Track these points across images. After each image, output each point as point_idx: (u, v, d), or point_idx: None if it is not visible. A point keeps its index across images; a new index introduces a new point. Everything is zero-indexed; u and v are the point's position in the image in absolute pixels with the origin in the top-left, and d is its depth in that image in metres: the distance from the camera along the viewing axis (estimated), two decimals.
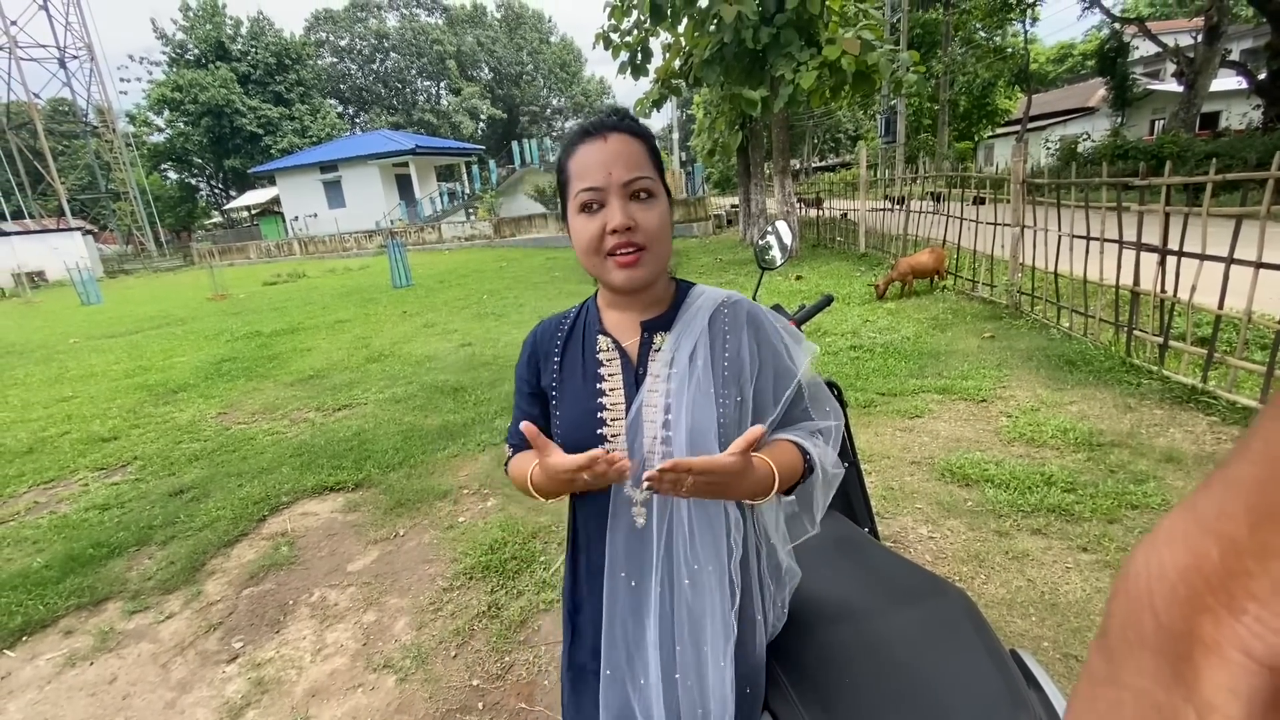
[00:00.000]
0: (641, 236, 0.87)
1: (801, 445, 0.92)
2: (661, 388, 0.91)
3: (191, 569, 2.83)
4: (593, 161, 0.87)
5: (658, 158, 0.92)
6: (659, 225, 0.88)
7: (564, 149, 0.92)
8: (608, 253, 0.88)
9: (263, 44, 39.00)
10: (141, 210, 33.56)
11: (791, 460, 0.91)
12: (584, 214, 0.88)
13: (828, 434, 0.97)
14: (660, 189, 0.90)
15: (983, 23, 22.33)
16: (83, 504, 3.64)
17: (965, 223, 6.46)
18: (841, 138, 42.14)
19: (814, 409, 0.97)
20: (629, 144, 0.88)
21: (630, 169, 0.86)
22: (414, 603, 2.46)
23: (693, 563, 0.93)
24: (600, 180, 0.86)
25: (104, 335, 10.24)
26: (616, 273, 0.89)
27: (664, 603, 0.92)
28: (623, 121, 0.90)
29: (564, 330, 1.03)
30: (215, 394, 5.76)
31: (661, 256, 0.91)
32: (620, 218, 0.85)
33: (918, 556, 2.41)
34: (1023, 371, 4.19)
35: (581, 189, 0.87)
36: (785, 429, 0.95)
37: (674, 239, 0.98)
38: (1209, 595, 0.22)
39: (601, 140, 0.87)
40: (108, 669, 2.26)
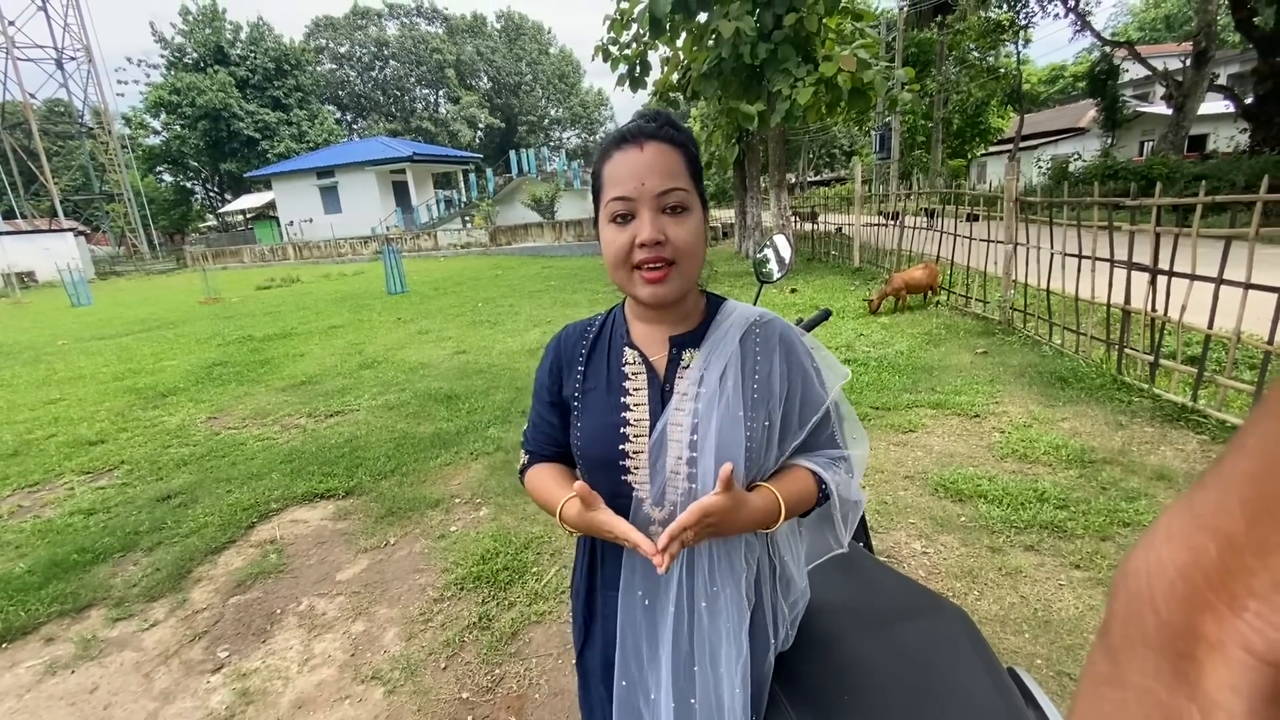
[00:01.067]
0: (671, 251, 0.85)
1: (818, 474, 0.92)
2: (688, 406, 0.89)
3: (177, 576, 2.79)
4: (626, 171, 0.84)
5: (697, 167, 0.89)
6: (691, 240, 0.86)
7: (600, 154, 0.89)
8: (635, 265, 0.86)
9: (262, 49, 39.09)
10: (135, 212, 33.40)
11: (803, 489, 0.90)
12: (614, 224, 0.86)
13: (851, 462, 0.96)
14: (695, 201, 0.87)
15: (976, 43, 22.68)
16: (67, 508, 3.59)
17: (959, 239, 6.51)
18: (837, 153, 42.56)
19: (842, 435, 0.97)
20: (666, 154, 0.85)
21: (664, 180, 0.84)
22: (404, 613, 2.43)
23: (710, 585, 0.92)
24: (632, 190, 0.84)
25: (93, 337, 10.15)
26: (643, 288, 0.87)
27: (680, 624, 0.92)
28: (661, 129, 0.87)
29: (589, 338, 1.00)
30: (205, 398, 5.71)
31: (691, 272, 0.89)
32: (650, 231, 0.83)
33: (911, 572, 2.41)
34: (1015, 387, 4.21)
35: (612, 198, 0.85)
36: (807, 455, 0.94)
37: None
38: (1209, 592, 0.22)
39: (637, 148, 0.84)
40: (89, 678, 2.22)
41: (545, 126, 55.36)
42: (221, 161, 38.87)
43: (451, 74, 48.05)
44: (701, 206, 0.90)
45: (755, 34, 8.59)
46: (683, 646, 0.92)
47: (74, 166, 35.80)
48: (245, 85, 38.27)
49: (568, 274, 13.60)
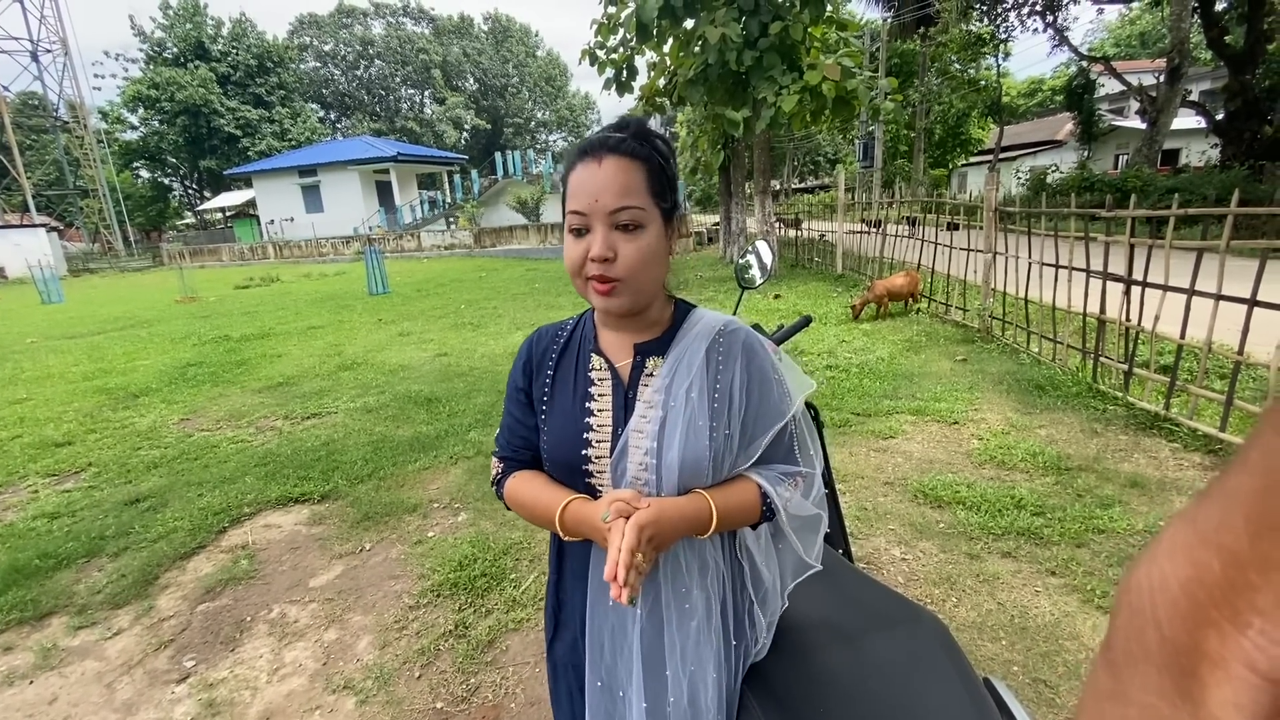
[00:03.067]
0: (619, 269, 0.85)
1: (763, 488, 0.91)
2: (652, 415, 0.89)
3: (144, 582, 2.71)
4: (583, 185, 0.84)
5: (663, 178, 0.88)
6: (641, 257, 0.85)
7: (567, 163, 0.90)
8: (587, 278, 0.87)
9: (244, 45, 38.57)
10: (110, 208, 32.71)
11: (743, 500, 0.90)
12: (572, 235, 0.87)
13: (807, 480, 0.95)
14: (652, 218, 0.86)
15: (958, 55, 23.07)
16: (31, 512, 3.48)
17: (939, 247, 6.59)
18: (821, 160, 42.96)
19: (799, 452, 0.96)
20: (624, 169, 0.84)
21: (618, 198, 0.83)
22: (378, 621, 2.39)
23: (679, 585, 0.92)
24: (586, 206, 0.84)
25: (64, 336, 9.90)
26: (596, 298, 0.88)
27: (649, 624, 0.91)
28: (624, 142, 0.86)
29: (560, 341, 1.00)
30: (179, 399, 5.59)
31: (642, 288, 0.88)
32: (599, 248, 0.83)
33: (890, 579, 2.42)
34: (994, 395, 4.26)
35: (570, 211, 0.86)
36: (760, 466, 0.93)
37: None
38: (1212, 609, 0.21)
39: (596, 163, 0.84)
40: (49, 688, 2.14)
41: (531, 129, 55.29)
42: (201, 158, 38.24)
43: (438, 75, 47.80)
44: (663, 218, 0.89)
45: (741, 41, 8.64)
46: (653, 647, 0.91)
47: (48, 161, 35.03)
48: (226, 82, 37.72)
49: (552, 277, 13.54)
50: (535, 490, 0.95)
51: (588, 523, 0.87)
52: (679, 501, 0.86)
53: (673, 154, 0.95)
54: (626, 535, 0.77)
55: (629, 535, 0.77)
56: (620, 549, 0.76)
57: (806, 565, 1.01)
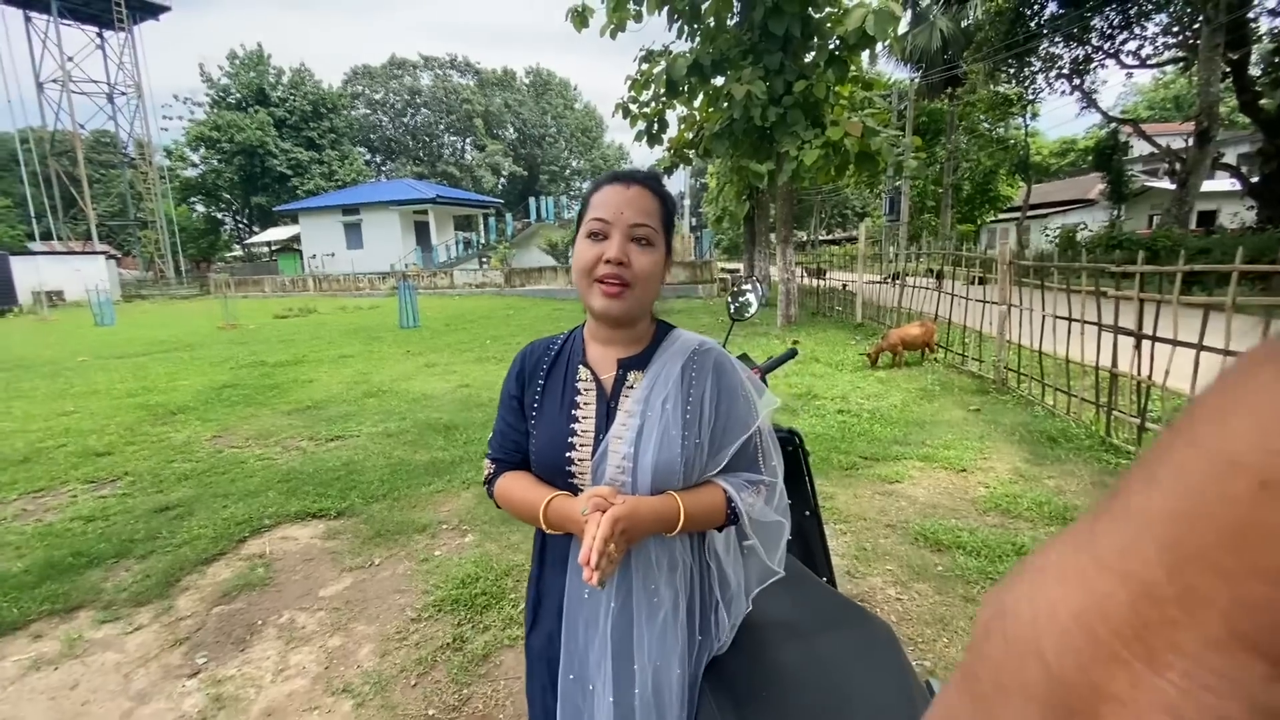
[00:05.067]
0: (630, 274, 0.98)
1: (728, 492, 1.01)
2: (630, 423, 1.00)
3: (166, 584, 2.86)
4: (611, 200, 0.99)
5: (670, 219, 1.04)
6: (649, 270, 0.99)
7: (594, 185, 1.04)
8: (596, 278, 0.99)
9: (301, 93, 41.05)
10: (165, 239, 34.53)
11: (710, 502, 0.99)
12: (589, 239, 1.00)
13: (770, 488, 1.05)
14: (660, 242, 1.01)
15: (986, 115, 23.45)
16: (69, 514, 3.68)
17: (956, 299, 6.65)
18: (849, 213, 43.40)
19: (763, 462, 1.06)
20: (646, 197, 1.00)
21: (640, 215, 0.98)
22: (380, 630, 2.48)
23: (649, 581, 1.01)
24: (611, 215, 0.98)
25: (112, 355, 10.42)
26: (599, 299, 0.99)
27: (620, 618, 1.00)
28: (648, 180, 1.03)
29: (551, 354, 1.12)
30: (213, 417, 5.85)
31: (644, 298, 1.01)
32: (616, 251, 0.96)
33: (883, 616, 2.43)
34: (1005, 445, 4.25)
35: (594, 217, 0.99)
36: (728, 473, 1.04)
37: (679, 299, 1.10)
38: (1119, 645, 0.19)
39: (624, 186, 1.00)
40: (71, 675, 2.27)
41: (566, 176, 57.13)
42: (253, 195, 40.32)
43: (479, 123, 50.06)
44: (666, 249, 1.04)
45: (766, 98, 9.00)
46: (622, 639, 1.00)
47: (113, 194, 37.28)
48: (282, 125, 40.04)
49: (578, 315, 13.74)
50: (522, 488, 1.06)
51: (568, 517, 0.97)
52: (651, 500, 0.96)
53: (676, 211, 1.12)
54: (602, 525, 0.86)
55: (604, 526, 0.86)
56: (595, 537, 0.86)
57: (770, 571, 1.11)
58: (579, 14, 10.50)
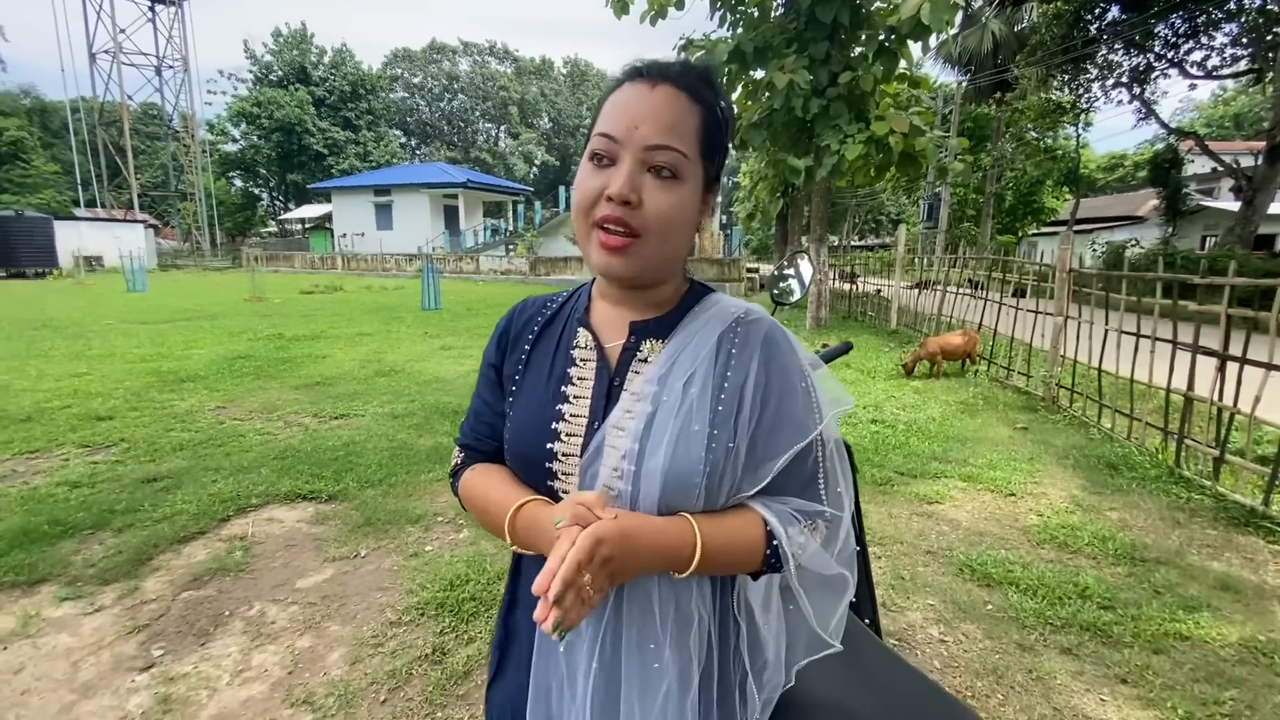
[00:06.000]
0: (642, 220, 0.68)
1: (770, 525, 0.70)
2: (638, 410, 0.71)
3: (137, 561, 2.64)
4: (623, 107, 0.69)
5: (717, 135, 0.72)
6: (669, 213, 0.68)
7: (612, 83, 0.74)
8: (595, 222, 0.69)
9: (341, 73, 41.43)
10: (204, 211, 35.17)
11: (740, 536, 0.69)
12: (591, 163, 0.70)
13: (832, 526, 0.74)
14: (694, 173, 0.70)
15: (1035, 123, 22.58)
16: (56, 478, 3.51)
17: (1004, 307, 6.22)
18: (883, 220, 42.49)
19: (825, 487, 0.74)
20: (678, 104, 0.69)
21: (661, 133, 0.67)
22: (355, 633, 2.22)
23: (646, 640, 0.71)
24: (620, 131, 0.68)
25: (137, 321, 10.44)
26: (597, 251, 0.70)
27: (602, 687, 0.71)
28: (685, 75, 0.70)
29: (546, 313, 0.84)
30: (220, 388, 5.70)
31: (661, 253, 0.71)
32: (620, 184, 0.67)
33: (925, 662, 2.11)
34: (1057, 469, 3.87)
35: (598, 133, 0.70)
36: (770, 497, 0.73)
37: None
38: None
39: (648, 86, 0.69)
40: (19, 657, 2.06)
41: None
42: (289, 172, 40.85)
43: (514, 111, 50.06)
44: (704, 184, 0.73)
45: (809, 88, 8.60)
46: (605, 713, 0.71)
47: (156, 165, 38.05)
48: (321, 104, 40.45)
49: None
50: (490, 487, 0.78)
51: (542, 531, 0.68)
52: (655, 521, 0.67)
53: (733, 121, 0.78)
54: (577, 544, 0.58)
55: (580, 545, 0.58)
56: (563, 558, 0.58)
57: (823, 642, 0.79)
58: (620, 0, 10.19)
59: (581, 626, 0.71)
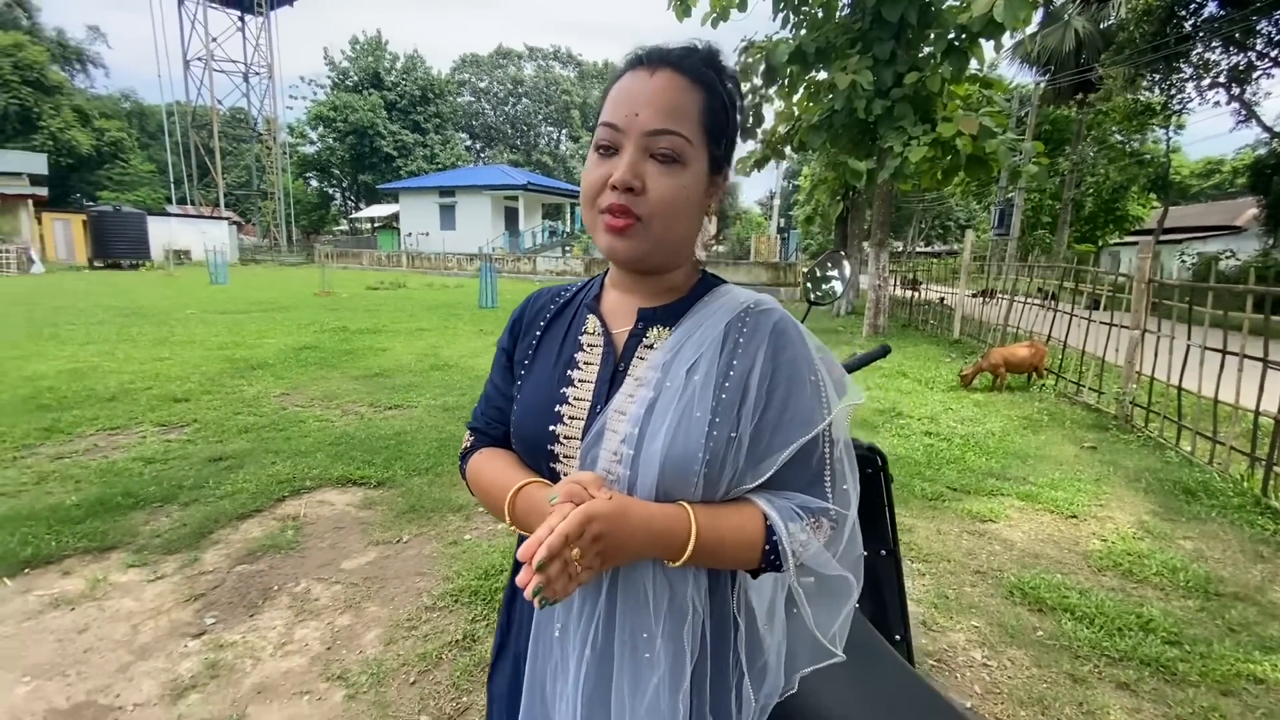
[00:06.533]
0: (643, 206, 0.69)
1: (770, 520, 0.68)
2: (640, 395, 0.71)
3: (198, 535, 2.81)
4: (625, 95, 0.70)
5: (722, 117, 0.73)
6: (671, 198, 0.69)
7: (614, 74, 0.75)
8: (601, 209, 0.70)
9: (412, 78, 43.06)
10: (282, 210, 37.25)
11: (739, 529, 0.68)
12: (597, 153, 0.72)
13: (837, 525, 0.72)
14: (697, 156, 0.71)
15: (1120, 125, 21.22)
16: (133, 454, 3.78)
17: (1075, 319, 5.87)
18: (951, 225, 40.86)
19: (831, 484, 0.72)
20: (678, 88, 0.69)
21: (661, 118, 0.68)
22: (392, 615, 2.30)
23: (639, 629, 0.70)
24: (622, 120, 0.69)
25: (216, 311, 11.14)
26: (603, 235, 0.71)
27: (594, 676, 0.70)
28: (686, 59, 0.71)
29: (559, 302, 0.86)
30: (286, 375, 6.01)
31: (665, 236, 0.71)
32: (623, 172, 0.68)
33: (965, 686, 2.00)
34: (1127, 492, 3.61)
35: (602, 122, 0.71)
36: (772, 492, 0.71)
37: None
38: None
39: (648, 73, 0.70)
40: (84, 617, 2.22)
41: None
42: (361, 173, 42.72)
43: (576, 115, 50.77)
44: (710, 165, 0.73)
45: (872, 89, 8.36)
46: (595, 701, 0.70)
47: (241, 165, 40.55)
48: (392, 108, 42.15)
49: None
50: (496, 470, 0.79)
51: (539, 512, 0.68)
52: (650, 506, 0.66)
53: (741, 101, 0.77)
54: (568, 519, 0.58)
55: (570, 519, 0.58)
56: (553, 529, 0.58)
57: (828, 651, 0.76)
58: (682, 3, 10.18)
59: (574, 608, 0.72)
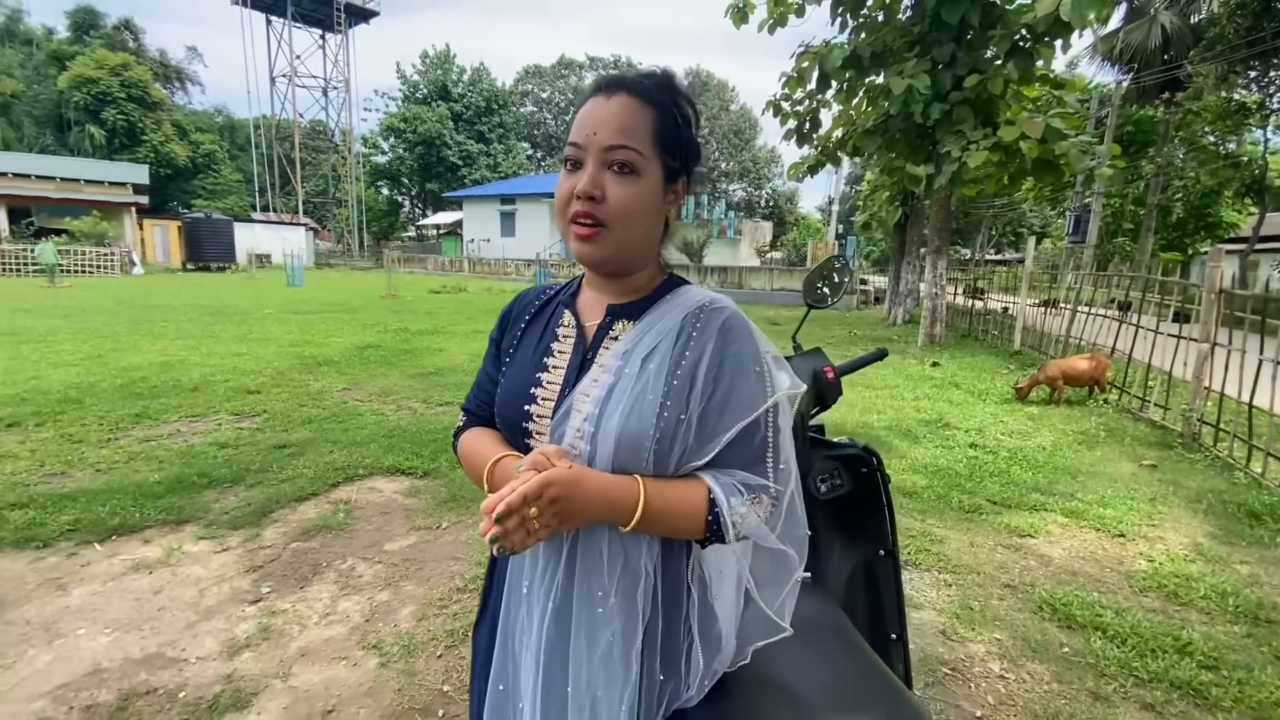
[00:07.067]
0: (605, 212, 0.79)
1: (712, 491, 0.76)
2: (603, 380, 0.81)
3: (260, 513, 3.07)
4: (586, 118, 0.80)
5: (674, 133, 0.82)
6: (628, 204, 0.79)
7: (580, 100, 0.86)
8: (569, 218, 0.81)
9: (478, 90, 44.59)
10: (355, 217, 39.30)
11: (684, 499, 0.76)
12: (566, 169, 0.83)
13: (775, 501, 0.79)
14: (650, 166, 0.80)
15: (1213, 126, 19.78)
16: (209, 439, 4.14)
17: (1142, 331, 5.56)
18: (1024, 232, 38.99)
19: (771, 463, 0.79)
20: (631, 109, 0.79)
21: (616, 135, 0.78)
22: (426, 594, 2.46)
23: (595, 588, 0.80)
24: (583, 138, 0.79)
25: (291, 311, 11.90)
26: (573, 241, 0.82)
27: (554, 630, 0.80)
28: (640, 83, 0.81)
29: (542, 299, 0.98)
30: (349, 372, 6.40)
31: (626, 240, 0.81)
32: (585, 184, 0.78)
33: (978, 697, 1.98)
34: (1184, 513, 3.43)
35: (569, 143, 0.82)
36: (716, 470, 0.79)
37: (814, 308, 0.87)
38: None
39: (605, 97, 0.80)
40: (159, 581, 2.48)
41: (714, 178, 56.94)
42: (428, 182, 44.50)
43: None
44: (664, 174, 0.83)
45: (929, 93, 8.16)
46: (554, 653, 0.79)
47: (318, 175, 43.03)
48: (458, 119, 43.74)
49: None
50: (480, 446, 0.90)
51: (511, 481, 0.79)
52: (604, 476, 0.75)
53: (697, 119, 0.87)
54: (529, 481, 0.68)
55: (531, 482, 0.67)
56: (515, 489, 0.67)
57: (779, 626, 0.85)
58: (739, 10, 10.22)
59: (539, 567, 0.81)
